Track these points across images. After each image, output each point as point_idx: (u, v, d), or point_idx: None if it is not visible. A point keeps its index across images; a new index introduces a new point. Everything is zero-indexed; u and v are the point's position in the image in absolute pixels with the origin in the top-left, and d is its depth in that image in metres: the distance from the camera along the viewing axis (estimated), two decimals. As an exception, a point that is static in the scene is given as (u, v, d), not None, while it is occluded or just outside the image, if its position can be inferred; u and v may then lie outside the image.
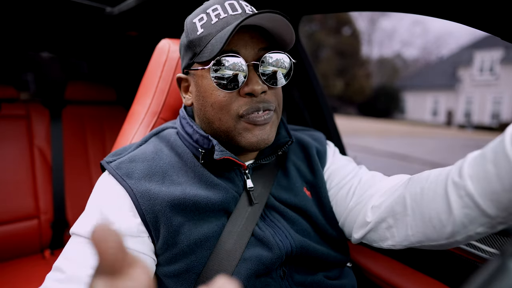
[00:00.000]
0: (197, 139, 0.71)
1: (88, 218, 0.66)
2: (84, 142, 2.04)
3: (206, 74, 0.67)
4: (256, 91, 0.65)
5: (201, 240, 0.66)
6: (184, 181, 0.69)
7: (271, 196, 0.76)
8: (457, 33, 75.04)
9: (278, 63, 0.67)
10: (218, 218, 0.69)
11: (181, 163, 0.72)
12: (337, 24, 29.29)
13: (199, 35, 0.67)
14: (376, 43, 56.63)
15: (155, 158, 0.71)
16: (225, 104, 0.66)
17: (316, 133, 0.94)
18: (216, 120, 0.68)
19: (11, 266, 1.66)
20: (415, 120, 26.76)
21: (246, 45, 0.65)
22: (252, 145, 0.67)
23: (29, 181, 1.81)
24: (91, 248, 0.60)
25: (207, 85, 0.68)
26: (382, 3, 0.88)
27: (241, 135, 0.67)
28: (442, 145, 13.75)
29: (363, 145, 11.42)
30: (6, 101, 1.87)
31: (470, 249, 1.02)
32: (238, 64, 0.64)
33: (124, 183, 0.66)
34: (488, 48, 22.04)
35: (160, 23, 1.44)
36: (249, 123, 0.66)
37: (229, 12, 0.66)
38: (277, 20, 0.62)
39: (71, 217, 1.88)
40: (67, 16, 1.47)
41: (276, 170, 0.80)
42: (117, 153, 0.74)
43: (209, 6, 0.68)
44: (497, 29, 0.73)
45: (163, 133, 0.79)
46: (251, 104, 0.66)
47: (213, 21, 0.66)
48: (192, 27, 0.69)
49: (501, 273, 0.24)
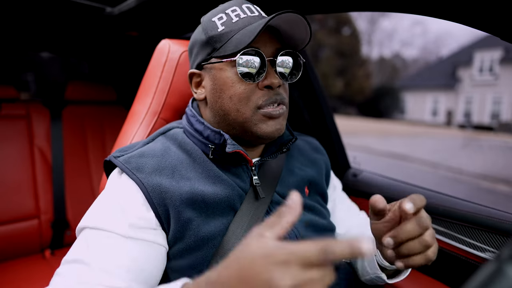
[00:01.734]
0: (208, 135, 0.74)
1: (106, 211, 0.66)
2: (84, 142, 2.04)
3: (225, 67, 0.72)
4: (274, 84, 0.71)
5: (208, 238, 0.67)
6: (193, 176, 0.71)
7: (275, 193, 0.79)
8: (457, 33, 75.11)
9: (291, 62, 0.75)
10: (225, 215, 0.71)
11: (189, 160, 0.74)
12: (337, 24, 29.29)
13: (220, 32, 0.72)
14: (376, 43, 56.67)
15: (164, 155, 0.73)
16: (244, 96, 0.71)
17: (309, 138, 1.00)
18: (233, 111, 0.72)
19: (11, 266, 1.66)
20: (415, 120, 26.76)
21: (265, 44, 0.72)
22: (268, 134, 0.72)
23: (29, 181, 1.81)
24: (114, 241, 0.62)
25: (226, 78, 0.72)
26: (382, 3, 0.88)
27: (257, 125, 0.72)
28: (442, 145, 13.75)
29: (363, 145, 11.41)
30: (6, 101, 1.87)
31: (470, 249, 1.02)
32: (260, 59, 0.70)
33: (135, 177, 0.68)
34: (487, 48, 22.04)
35: (160, 23, 1.44)
36: (265, 115, 0.71)
37: (247, 14, 0.73)
38: (295, 22, 0.68)
39: (71, 217, 1.88)
40: (67, 16, 1.47)
41: (280, 168, 0.83)
42: (123, 150, 0.75)
43: (227, 7, 0.75)
44: (497, 29, 0.73)
45: (170, 132, 0.81)
46: (269, 96, 0.71)
47: (233, 20, 0.72)
48: (211, 25, 0.74)
49: (497, 277, 0.24)
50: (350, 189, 1.41)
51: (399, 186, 1.30)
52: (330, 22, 29.22)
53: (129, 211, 0.65)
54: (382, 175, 1.43)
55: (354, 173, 1.48)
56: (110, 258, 0.61)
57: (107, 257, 0.61)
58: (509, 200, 6.51)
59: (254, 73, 0.70)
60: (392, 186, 1.31)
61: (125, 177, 0.69)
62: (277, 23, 0.69)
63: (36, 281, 1.54)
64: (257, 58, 0.70)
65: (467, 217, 1.03)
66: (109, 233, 0.63)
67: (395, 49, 65.12)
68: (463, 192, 6.74)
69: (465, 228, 1.05)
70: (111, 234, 0.63)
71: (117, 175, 0.71)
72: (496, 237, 0.97)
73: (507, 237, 0.94)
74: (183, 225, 0.67)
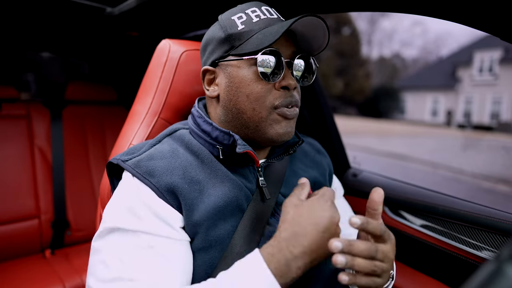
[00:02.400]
0: (217, 136, 0.74)
1: (135, 213, 0.65)
2: (85, 142, 2.04)
3: (244, 65, 0.72)
4: (291, 86, 0.72)
5: (216, 241, 0.67)
6: (202, 178, 0.71)
7: (280, 194, 0.79)
8: (457, 33, 75.07)
9: (303, 65, 0.76)
10: (233, 217, 0.70)
11: (197, 161, 0.73)
12: (337, 24, 29.29)
13: (240, 30, 0.72)
14: (376, 43, 56.65)
15: (173, 156, 0.72)
16: (261, 96, 0.71)
17: (311, 140, 1.00)
18: (249, 110, 0.72)
19: (11, 266, 1.66)
20: (415, 120, 26.75)
21: (283, 46, 0.72)
22: (279, 136, 0.73)
23: (29, 181, 1.82)
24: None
25: (243, 76, 0.72)
26: (382, 3, 0.88)
27: (271, 126, 0.72)
28: (441, 145, 13.75)
29: (363, 145, 11.41)
30: (7, 101, 1.87)
31: (470, 249, 1.02)
32: (279, 60, 0.71)
33: (147, 181, 0.67)
34: (487, 48, 22.04)
35: (161, 23, 1.44)
36: (280, 115, 0.72)
37: (267, 15, 0.74)
38: (315, 26, 0.69)
39: (72, 217, 1.88)
40: (68, 16, 1.47)
41: (285, 169, 0.83)
42: (130, 152, 0.74)
43: (246, 7, 0.75)
44: (497, 29, 0.73)
45: (176, 133, 0.80)
46: (285, 97, 0.72)
47: (254, 20, 0.73)
48: (230, 23, 0.74)
49: (497, 277, 0.24)
50: (350, 189, 1.41)
51: (399, 186, 1.30)
52: (330, 22, 29.19)
53: (160, 211, 0.65)
54: (382, 175, 1.43)
55: (354, 173, 1.48)
56: (151, 266, 0.60)
57: (148, 266, 0.60)
58: (509, 200, 6.51)
59: (272, 73, 0.70)
60: (392, 186, 1.32)
61: (138, 182, 0.68)
62: (295, 26, 0.70)
63: (36, 281, 1.54)
64: (275, 59, 0.70)
65: (467, 217, 1.03)
66: (143, 234, 0.62)
67: (395, 49, 65.15)
68: (463, 192, 6.75)
69: (465, 228, 1.05)
70: (143, 234, 0.62)
71: (130, 179, 0.70)
72: (496, 237, 0.97)
73: (507, 237, 0.94)
74: (193, 226, 0.66)
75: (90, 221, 1.90)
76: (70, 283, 1.56)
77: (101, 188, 0.92)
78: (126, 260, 0.60)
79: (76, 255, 1.79)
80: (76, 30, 1.71)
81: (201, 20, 1.33)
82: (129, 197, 0.67)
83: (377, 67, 39.75)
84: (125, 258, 0.61)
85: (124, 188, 0.70)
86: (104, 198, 0.88)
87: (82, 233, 1.91)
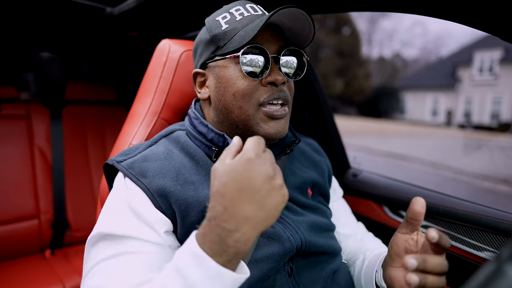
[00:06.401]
0: (212, 138, 0.74)
1: (121, 217, 0.65)
2: (85, 142, 2.04)
3: (229, 64, 0.72)
4: (278, 81, 0.70)
5: None
6: (196, 180, 0.71)
7: None
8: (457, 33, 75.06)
9: (295, 62, 0.75)
10: None
11: (192, 163, 0.73)
12: (337, 24, 29.28)
13: (224, 30, 0.73)
14: (376, 43, 56.61)
15: (167, 158, 0.72)
16: (247, 93, 0.70)
17: (309, 140, 1.00)
18: (236, 108, 0.71)
19: (11, 266, 1.66)
20: (415, 120, 26.74)
21: (268, 41, 0.72)
22: (269, 135, 0.72)
23: (29, 181, 1.82)
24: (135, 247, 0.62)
25: (229, 75, 0.72)
26: (382, 3, 0.88)
27: (259, 125, 0.72)
28: (441, 145, 13.75)
29: (363, 145, 11.41)
30: (7, 101, 1.87)
31: (470, 249, 1.02)
32: (263, 56, 0.70)
33: (140, 182, 0.67)
34: (487, 48, 22.03)
35: (160, 24, 1.44)
36: (266, 114, 0.71)
37: (251, 12, 0.74)
38: (298, 18, 0.68)
39: (72, 217, 1.88)
40: (67, 16, 1.47)
41: (282, 169, 0.82)
42: (125, 153, 0.74)
43: (231, 7, 0.76)
44: (497, 29, 0.73)
45: (173, 135, 0.80)
46: (271, 92, 0.71)
47: (237, 18, 0.73)
48: (215, 24, 0.74)
49: (497, 277, 0.24)
50: (350, 189, 1.41)
51: (399, 186, 1.30)
52: (330, 22, 29.22)
53: (148, 215, 0.64)
54: (382, 175, 1.43)
55: (354, 173, 1.48)
56: (130, 272, 0.59)
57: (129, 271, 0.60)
58: (509, 200, 6.51)
59: (258, 70, 0.70)
60: (392, 186, 1.31)
61: (129, 181, 0.68)
62: (280, 20, 0.69)
63: (36, 281, 1.54)
64: (260, 55, 0.70)
65: (467, 217, 1.03)
66: (131, 239, 0.62)
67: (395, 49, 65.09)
68: (463, 192, 6.74)
69: (465, 228, 1.05)
70: (129, 239, 0.62)
71: (122, 179, 0.70)
72: (496, 237, 0.97)
73: (507, 237, 0.94)
74: (187, 230, 0.66)
75: (90, 221, 1.89)
76: (70, 283, 1.56)
77: (101, 188, 0.92)
78: (106, 267, 0.60)
79: (76, 255, 1.79)
80: (76, 30, 1.71)
81: (201, 20, 1.32)
82: (117, 201, 0.67)
83: (377, 67, 39.74)
84: (107, 264, 0.61)
85: (114, 190, 0.70)
86: (103, 198, 0.88)
87: (82, 233, 1.91)
